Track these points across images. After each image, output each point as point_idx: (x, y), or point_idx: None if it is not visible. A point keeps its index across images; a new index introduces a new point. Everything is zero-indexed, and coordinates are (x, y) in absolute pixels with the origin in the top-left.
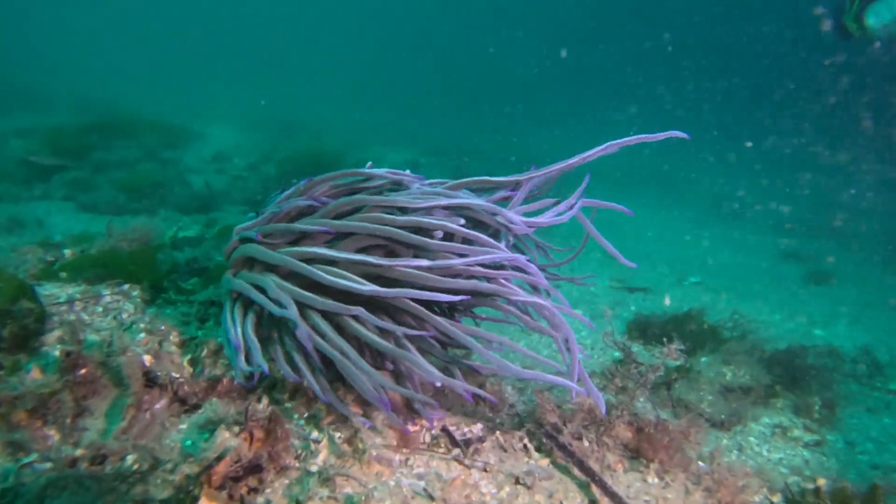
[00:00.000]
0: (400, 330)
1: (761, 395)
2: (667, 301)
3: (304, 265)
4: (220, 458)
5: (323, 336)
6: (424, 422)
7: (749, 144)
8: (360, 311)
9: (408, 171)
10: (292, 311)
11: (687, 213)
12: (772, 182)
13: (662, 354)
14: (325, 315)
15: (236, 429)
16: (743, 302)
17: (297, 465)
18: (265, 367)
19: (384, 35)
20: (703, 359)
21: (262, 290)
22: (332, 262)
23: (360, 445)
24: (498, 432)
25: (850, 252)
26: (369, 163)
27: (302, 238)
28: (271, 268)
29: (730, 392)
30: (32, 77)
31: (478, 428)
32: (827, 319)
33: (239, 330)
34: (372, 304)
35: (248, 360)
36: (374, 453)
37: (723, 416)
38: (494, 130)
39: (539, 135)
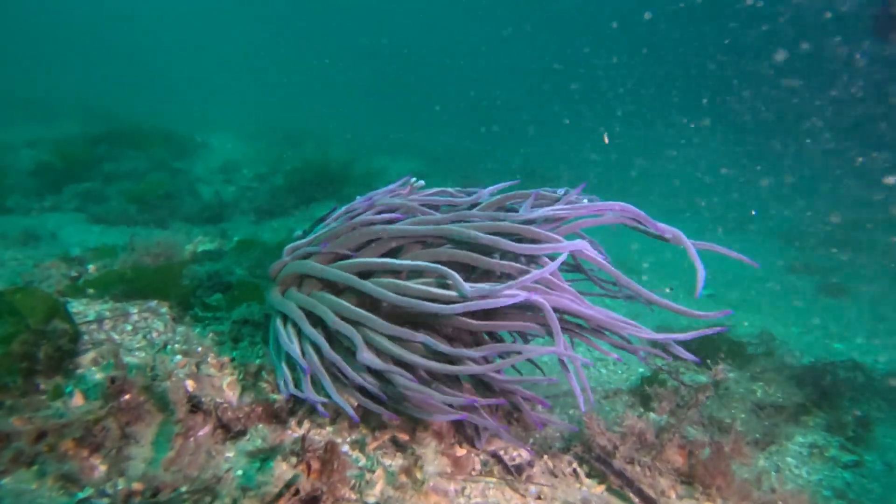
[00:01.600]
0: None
1: (793, 412)
2: None
3: (366, 283)
4: (283, 493)
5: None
6: (472, 446)
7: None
8: (424, 338)
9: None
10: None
11: (694, 221)
12: (779, 191)
13: (710, 375)
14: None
15: (293, 459)
16: (758, 315)
17: (354, 496)
18: (348, 409)
19: (386, 43)
20: (731, 375)
21: (319, 320)
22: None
23: (419, 475)
24: (546, 456)
25: (860, 263)
26: (421, 181)
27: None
28: (322, 285)
29: (761, 410)
30: (36, 86)
31: (526, 452)
32: (844, 333)
33: (312, 356)
34: (426, 325)
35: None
36: (431, 483)
37: (757, 435)
38: (500, 138)
39: (543, 143)
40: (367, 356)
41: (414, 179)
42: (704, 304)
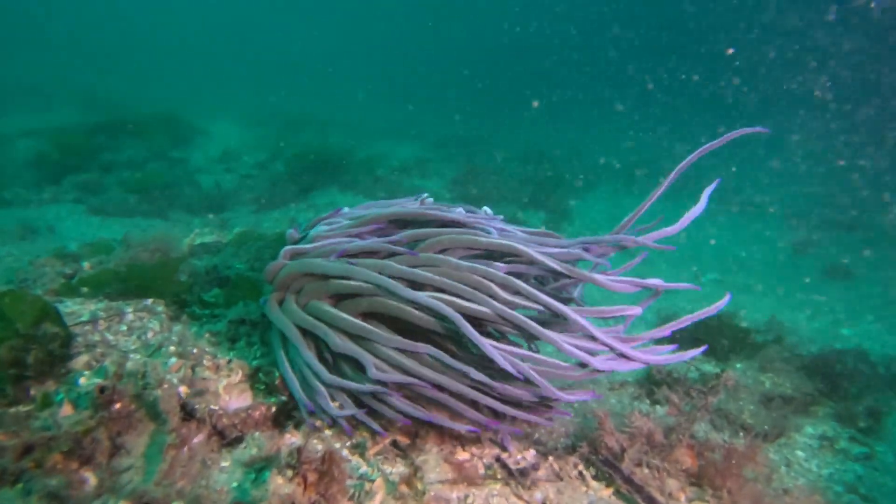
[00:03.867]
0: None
1: (802, 403)
2: None
3: (383, 277)
4: None
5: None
6: (475, 449)
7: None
8: (429, 348)
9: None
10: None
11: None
12: (784, 173)
13: (719, 378)
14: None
15: (289, 473)
16: (765, 300)
17: None
18: (375, 426)
19: (387, 28)
20: (738, 365)
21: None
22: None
23: (419, 486)
24: (551, 458)
25: (866, 246)
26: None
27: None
28: (322, 291)
29: (770, 401)
30: (32, 73)
31: (531, 455)
32: (852, 318)
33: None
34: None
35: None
36: (433, 493)
37: (766, 427)
38: (502, 121)
39: (546, 126)
40: (377, 373)
41: (426, 195)
42: (711, 288)
